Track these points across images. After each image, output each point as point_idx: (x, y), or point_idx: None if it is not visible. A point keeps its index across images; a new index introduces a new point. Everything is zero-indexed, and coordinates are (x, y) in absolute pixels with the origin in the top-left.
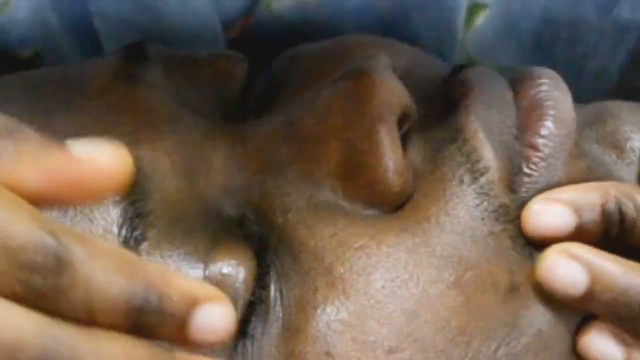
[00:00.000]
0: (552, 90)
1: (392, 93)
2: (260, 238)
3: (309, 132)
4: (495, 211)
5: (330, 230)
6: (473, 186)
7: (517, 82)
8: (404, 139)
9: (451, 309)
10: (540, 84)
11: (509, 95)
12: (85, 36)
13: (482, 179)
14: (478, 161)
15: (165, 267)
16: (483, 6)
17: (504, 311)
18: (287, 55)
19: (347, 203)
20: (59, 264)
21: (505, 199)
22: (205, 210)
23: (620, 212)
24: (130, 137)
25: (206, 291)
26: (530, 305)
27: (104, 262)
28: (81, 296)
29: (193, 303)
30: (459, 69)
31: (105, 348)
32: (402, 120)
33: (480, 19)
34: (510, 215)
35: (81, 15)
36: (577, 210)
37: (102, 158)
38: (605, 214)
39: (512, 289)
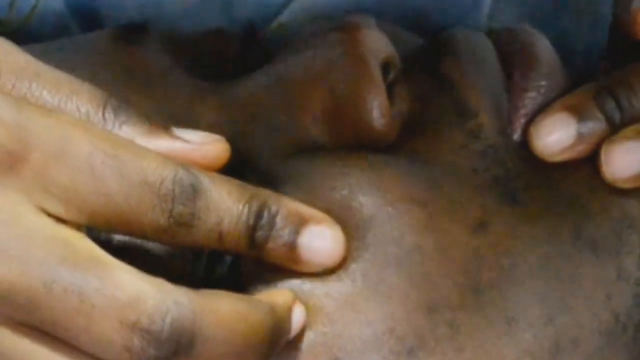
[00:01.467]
0: (530, 36)
1: (376, 41)
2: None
3: (295, 80)
4: (482, 151)
5: (317, 161)
6: (461, 128)
7: (496, 36)
8: (390, 89)
9: (410, 225)
10: (518, 34)
11: (490, 45)
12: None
13: (471, 122)
14: (466, 104)
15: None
16: None
17: (469, 244)
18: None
19: (334, 145)
20: (195, 191)
21: (494, 140)
22: None
23: (615, 99)
24: (120, 89)
25: (314, 213)
26: (498, 244)
27: (226, 187)
28: (213, 220)
29: (302, 222)
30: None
31: (219, 305)
32: (386, 69)
33: None
34: (499, 157)
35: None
36: (570, 108)
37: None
38: (600, 104)
39: (482, 225)
